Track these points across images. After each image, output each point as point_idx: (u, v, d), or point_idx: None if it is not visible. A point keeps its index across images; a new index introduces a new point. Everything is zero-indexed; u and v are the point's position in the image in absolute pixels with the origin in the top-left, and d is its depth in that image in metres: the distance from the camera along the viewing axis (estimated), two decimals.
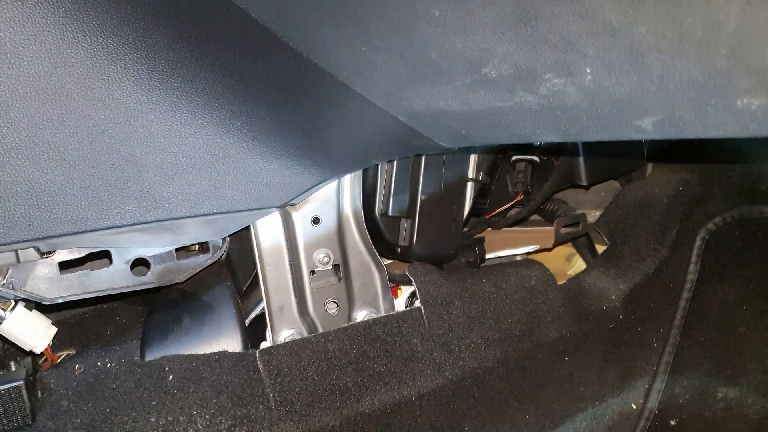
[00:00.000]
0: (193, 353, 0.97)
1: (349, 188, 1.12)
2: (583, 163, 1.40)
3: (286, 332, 1.08)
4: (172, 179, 0.87)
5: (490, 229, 1.41)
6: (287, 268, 1.09)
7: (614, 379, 1.30)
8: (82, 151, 0.80)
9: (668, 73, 0.50)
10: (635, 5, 0.48)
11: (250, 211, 0.97)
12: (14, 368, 0.90)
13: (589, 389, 1.27)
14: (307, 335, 1.07)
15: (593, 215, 1.55)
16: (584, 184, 1.43)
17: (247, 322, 1.11)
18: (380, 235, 1.17)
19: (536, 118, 0.67)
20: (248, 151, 0.90)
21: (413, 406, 1.07)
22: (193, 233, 0.97)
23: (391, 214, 1.16)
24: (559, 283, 1.31)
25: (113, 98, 0.79)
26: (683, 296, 1.37)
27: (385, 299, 1.17)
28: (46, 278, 0.91)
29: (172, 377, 0.94)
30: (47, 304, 0.92)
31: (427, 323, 1.12)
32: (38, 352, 0.94)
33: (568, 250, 1.53)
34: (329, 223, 1.12)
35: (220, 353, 0.98)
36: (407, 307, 1.21)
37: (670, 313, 1.37)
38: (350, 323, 1.11)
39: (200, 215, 0.92)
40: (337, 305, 1.14)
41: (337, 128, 0.91)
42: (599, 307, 1.32)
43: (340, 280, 1.14)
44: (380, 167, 1.15)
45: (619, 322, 1.32)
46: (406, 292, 1.24)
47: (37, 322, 0.93)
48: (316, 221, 1.10)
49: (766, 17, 0.43)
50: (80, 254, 0.92)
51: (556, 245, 1.38)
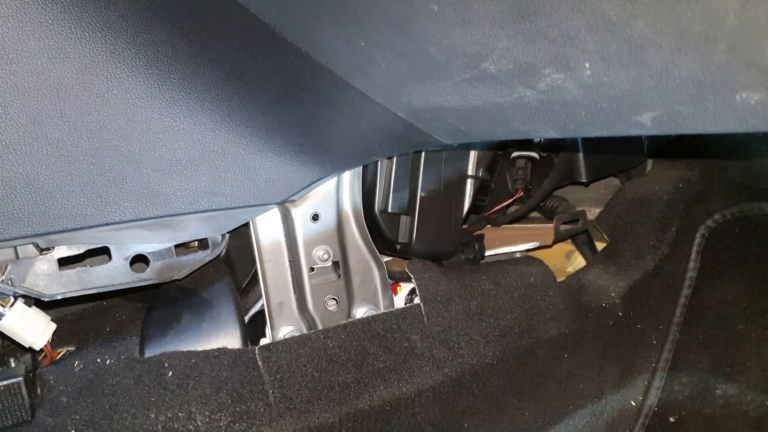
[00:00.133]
0: (192, 350, 0.97)
1: (348, 185, 1.12)
2: (582, 159, 1.40)
3: (285, 329, 1.08)
4: (171, 175, 0.87)
5: (489, 226, 1.41)
6: (287, 264, 1.09)
7: (613, 376, 1.30)
8: (80, 146, 0.80)
9: (667, 68, 0.50)
10: None
11: (249, 207, 0.97)
12: (14, 365, 0.91)
13: (588, 386, 1.27)
14: (306, 332, 1.07)
15: (593, 212, 1.55)
16: (584, 180, 1.43)
17: (246, 318, 1.11)
18: (380, 232, 1.17)
19: (535, 113, 0.67)
20: (247, 147, 0.90)
21: (412, 402, 1.07)
22: (192, 230, 0.97)
23: (390, 211, 1.16)
24: (558, 280, 1.31)
25: (112, 94, 0.79)
26: (683, 293, 1.37)
27: (384, 296, 1.17)
28: (45, 274, 0.91)
29: (171, 374, 0.94)
30: (46, 300, 0.92)
31: (426, 320, 1.12)
32: (38, 348, 0.94)
33: (567, 247, 1.53)
34: (329, 219, 1.12)
35: (219, 350, 0.98)
36: (407, 304, 1.21)
37: (669, 310, 1.37)
38: (350, 320, 1.11)
39: (199, 212, 0.92)
40: (336, 302, 1.14)
41: (336, 124, 0.91)
42: (599, 304, 1.32)
43: (339, 277, 1.14)
44: (380, 164, 1.15)
45: (618, 319, 1.32)
46: (405, 289, 1.24)
47: (36, 318, 0.93)
48: (315, 218, 1.10)
49: (765, 12, 0.43)
50: (79, 250, 0.92)
51: (555, 242, 1.38)
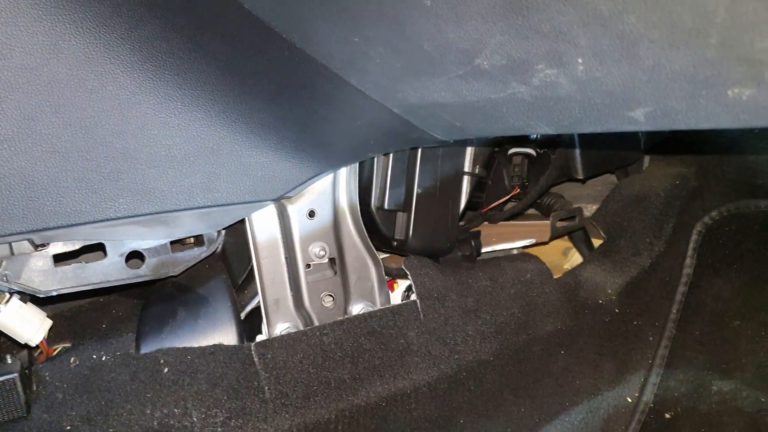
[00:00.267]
0: (188, 346, 0.97)
1: (344, 181, 1.12)
2: (579, 156, 1.40)
3: (281, 325, 1.08)
4: (166, 171, 0.86)
5: (486, 222, 1.41)
6: (283, 261, 1.09)
7: (610, 372, 1.30)
8: (75, 143, 0.80)
9: (659, 63, 0.50)
10: None
11: (245, 204, 0.97)
12: (10, 361, 0.91)
13: (584, 382, 1.27)
14: (302, 329, 1.08)
15: (590, 209, 1.55)
16: (581, 177, 1.43)
17: (242, 315, 1.11)
18: (376, 228, 1.17)
19: (529, 109, 0.67)
20: (242, 143, 0.90)
21: (409, 399, 1.08)
22: (187, 226, 0.97)
23: (387, 207, 1.16)
24: (555, 276, 1.31)
25: (106, 90, 0.79)
26: (679, 290, 1.38)
27: (381, 293, 1.17)
28: (40, 271, 0.91)
29: (167, 370, 0.94)
30: (42, 296, 0.91)
31: (422, 316, 1.12)
32: (33, 344, 0.94)
33: (564, 243, 1.53)
34: (325, 216, 1.11)
35: (215, 346, 0.98)
36: (403, 300, 1.21)
37: (665, 306, 1.37)
38: (346, 317, 1.11)
39: (195, 208, 0.92)
40: (333, 299, 1.14)
41: (331, 121, 0.91)
42: (595, 300, 1.32)
43: (336, 273, 1.14)
44: (376, 160, 1.15)
45: (614, 315, 1.33)
46: (402, 285, 1.25)
47: (32, 314, 0.93)
48: (311, 214, 1.10)
49: (754, 7, 0.43)
50: (75, 247, 0.92)
51: (552, 239, 1.38)
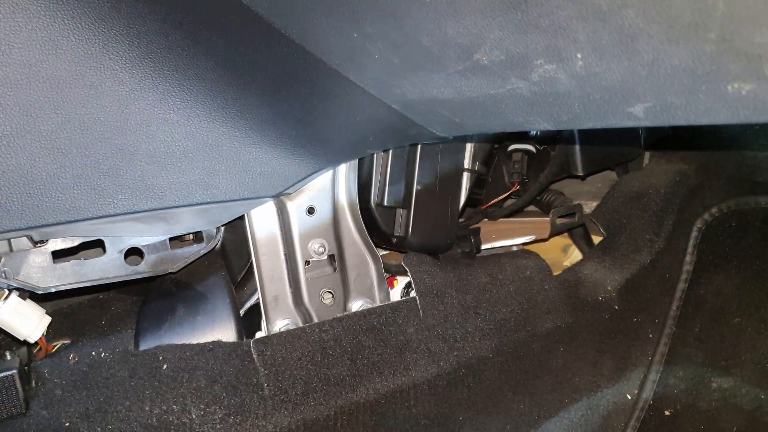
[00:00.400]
0: (187, 343, 0.97)
1: (344, 178, 1.12)
2: (579, 153, 1.40)
3: (280, 322, 1.08)
4: (164, 168, 0.86)
5: (485, 219, 1.41)
6: (282, 258, 1.09)
7: (609, 369, 1.30)
8: (74, 139, 0.80)
9: (658, 58, 0.50)
10: None
11: (244, 200, 0.97)
12: (9, 357, 0.91)
13: (584, 379, 1.27)
14: (301, 325, 1.07)
15: (590, 206, 1.55)
16: (581, 174, 1.43)
17: (242, 312, 1.11)
18: (376, 225, 1.17)
19: (529, 105, 0.67)
20: (242, 140, 0.90)
21: (408, 395, 1.07)
22: (186, 222, 0.97)
23: (386, 204, 1.16)
24: (554, 273, 1.31)
25: (105, 86, 0.79)
26: (679, 287, 1.37)
27: (380, 289, 1.17)
28: (39, 267, 0.91)
29: (166, 366, 0.94)
30: (41, 293, 0.92)
31: (422, 313, 1.12)
32: (32, 341, 0.94)
33: (564, 240, 1.53)
34: (324, 213, 1.11)
35: (214, 343, 0.98)
36: (403, 297, 1.21)
37: (665, 303, 1.37)
38: (345, 313, 1.11)
39: (194, 204, 0.92)
40: (332, 295, 1.14)
41: (331, 117, 0.91)
42: (595, 297, 1.32)
43: (335, 270, 1.14)
44: (375, 157, 1.15)
45: (614, 312, 1.32)
46: (401, 282, 1.24)
47: (31, 311, 0.93)
48: (311, 211, 1.10)
49: (754, 0, 0.42)
50: (73, 243, 0.92)
51: (552, 236, 1.38)
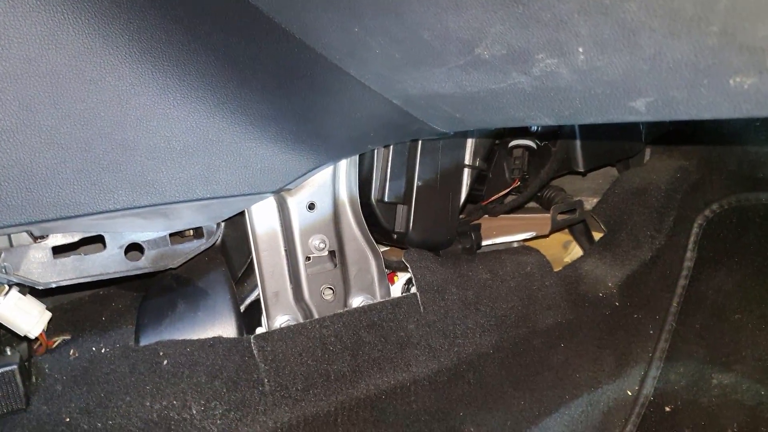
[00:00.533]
0: (187, 338, 0.97)
1: (344, 174, 1.11)
2: (580, 148, 1.40)
3: (281, 318, 1.08)
4: (165, 163, 0.86)
5: (486, 215, 1.41)
6: (283, 254, 1.09)
7: (610, 365, 1.30)
8: (74, 134, 0.79)
9: (660, 52, 0.50)
10: None
11: (244, 196, 0.97)
12: (9, 353, 0.91)
13: (584, 376, 1.27)
14: (302, 321, 1.07)
15: (590, 202, 1.55)
16: (582, 170, 1.43)
17: (242, 308, 1.11)
18: (376, 221, 1.17)
19: (530, 100, 0.67)
20: (242, 135, 0.89)
21: (408, 391, 1.07)
22: (187, 218, 0.97)
23: (387, 200, 1.15)
24: (555, 269, 1.31)
25: (105, 81, 0.78)
26: (680, 283, 1.37)
27: (381, 285, 1.17)
28: (39, 263, 0.91)
29: (166, 362, 0.94)
30: (41, 288, 0.91)
31: (422, 309, 1.12)
32: (33, 336, 0.94)
33: (564, 237, 1.53)
34: (325, 208, 1.11)
35: (214, 338, 0.98)
36: (403, 293, 1.20)
37: (666, 300, 1.37)
38: (346, 309, 1.11)
39: (194, 200, 0.92)
40: (332, 291, 1.14)
41: (331, 112, 0.90)
42: (595, 293, 1.32)
43: (335, 266, 1.14)
44: (376, 153, 1.15)
45: (615, 308, 1.32)
46: (402, 278, 1.24)
47: (31, 306, 0.93)
48: (311, 207, 1.10)
49: None
50: (74, 239, 0.91)
51: (552, 232, 1.38)
